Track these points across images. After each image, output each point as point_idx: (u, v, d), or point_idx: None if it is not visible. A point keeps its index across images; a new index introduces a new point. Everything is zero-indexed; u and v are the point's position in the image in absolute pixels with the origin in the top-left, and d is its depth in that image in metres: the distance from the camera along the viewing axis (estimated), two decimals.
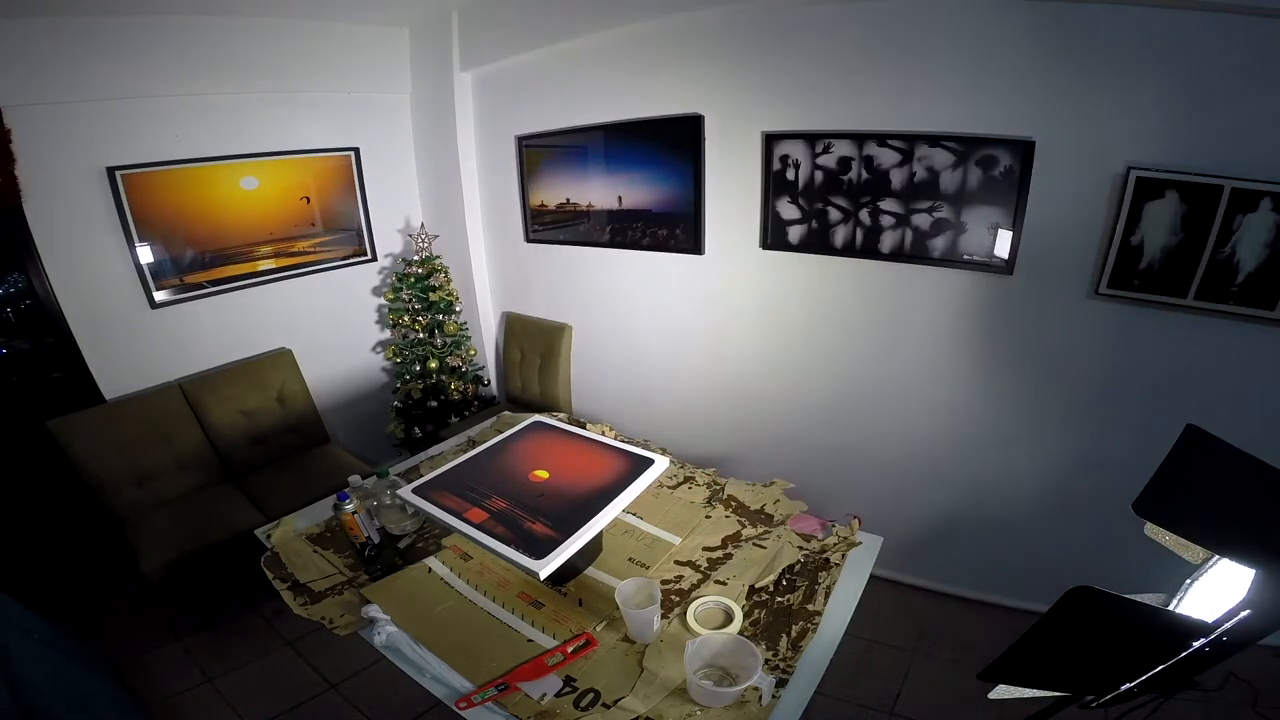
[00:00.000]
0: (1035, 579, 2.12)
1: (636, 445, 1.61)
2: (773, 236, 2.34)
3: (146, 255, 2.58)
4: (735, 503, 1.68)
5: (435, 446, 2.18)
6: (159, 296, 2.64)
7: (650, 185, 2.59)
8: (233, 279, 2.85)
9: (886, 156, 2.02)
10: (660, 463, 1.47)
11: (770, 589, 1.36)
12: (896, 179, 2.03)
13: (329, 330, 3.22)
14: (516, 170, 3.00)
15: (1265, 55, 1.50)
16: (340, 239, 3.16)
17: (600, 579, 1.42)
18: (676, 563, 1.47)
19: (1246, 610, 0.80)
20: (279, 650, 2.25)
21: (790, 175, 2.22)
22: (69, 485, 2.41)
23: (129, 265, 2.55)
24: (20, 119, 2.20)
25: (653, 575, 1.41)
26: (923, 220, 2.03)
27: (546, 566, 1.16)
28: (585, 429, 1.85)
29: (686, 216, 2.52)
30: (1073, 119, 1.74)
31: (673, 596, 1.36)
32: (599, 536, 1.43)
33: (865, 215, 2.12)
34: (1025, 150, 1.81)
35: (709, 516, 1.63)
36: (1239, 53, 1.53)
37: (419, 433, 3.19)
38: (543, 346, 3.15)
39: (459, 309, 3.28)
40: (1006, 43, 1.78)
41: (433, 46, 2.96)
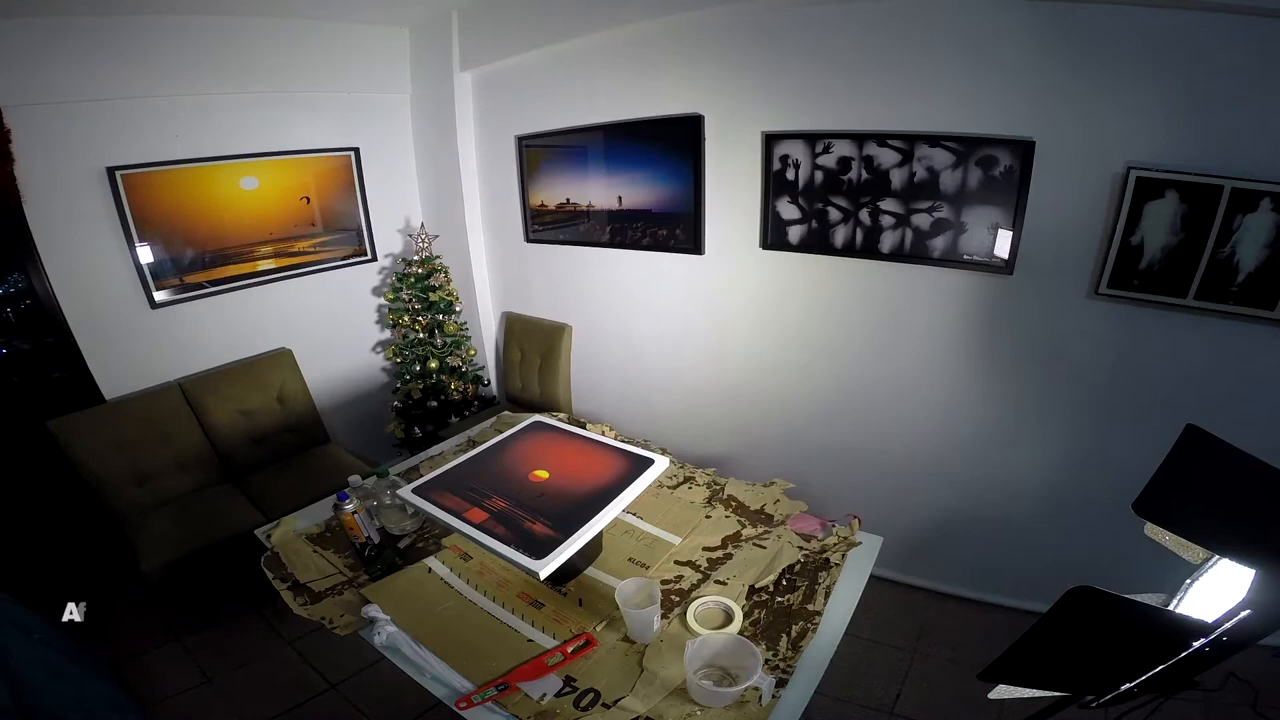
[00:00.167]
0: (1035, 579, 2.12)
1: (636, 445, 1.61)
2: (773, 236, 2.34)
3: (146, 255, 2.58)
4: (735, 503, 1.68)
5: (435, 446, 2.18)
6: (159, 296, 2.64)
7: (650, 185, 2.59)
8: (233, 279, 2.85)
9: (886, 156, 2.02)
10: (660, 463, 1.47)
11: (770, 589, 1.36)
12: (896, 179, 2.03)
13: (329, 330, 3.22)
14: (516, 170, 3.00)
15: (1265, 55, 1.50)
16: (340, 239, 3.16)
17: (600, 579, 1.42)
18: (676, 563, 1.47)
19: (1246, 610, 0.80)
20: (279, 650, 2.24)
21: (790, 175, 2.22)
22: (69, 485, 2.41)
23: (129, 265, 2.55)
24: (20, 119, 2.20)
25: (653, 575, 1.41)
26: (923, 220, 2.03)
27: (546, 566, 1.16)
28: (585, 429, 1.85)
29: (686, 216, 2.52)
30: (1073, 119, 1.74)
31: (673, 596, 1.36)
32: (599, 536, 1.43)
33: (865, 215, 2.12)
34: (1025, 150, 1.81)
35: (709, 516, 1.63)
36: (1239, 53, 1.52)
37: (419, 433, 3.19)
38: (543, 346, 3.15)
39: (459, 309, 3.28)
40: (1006, 43, 1.78)
41: (433, 46, 2.96)
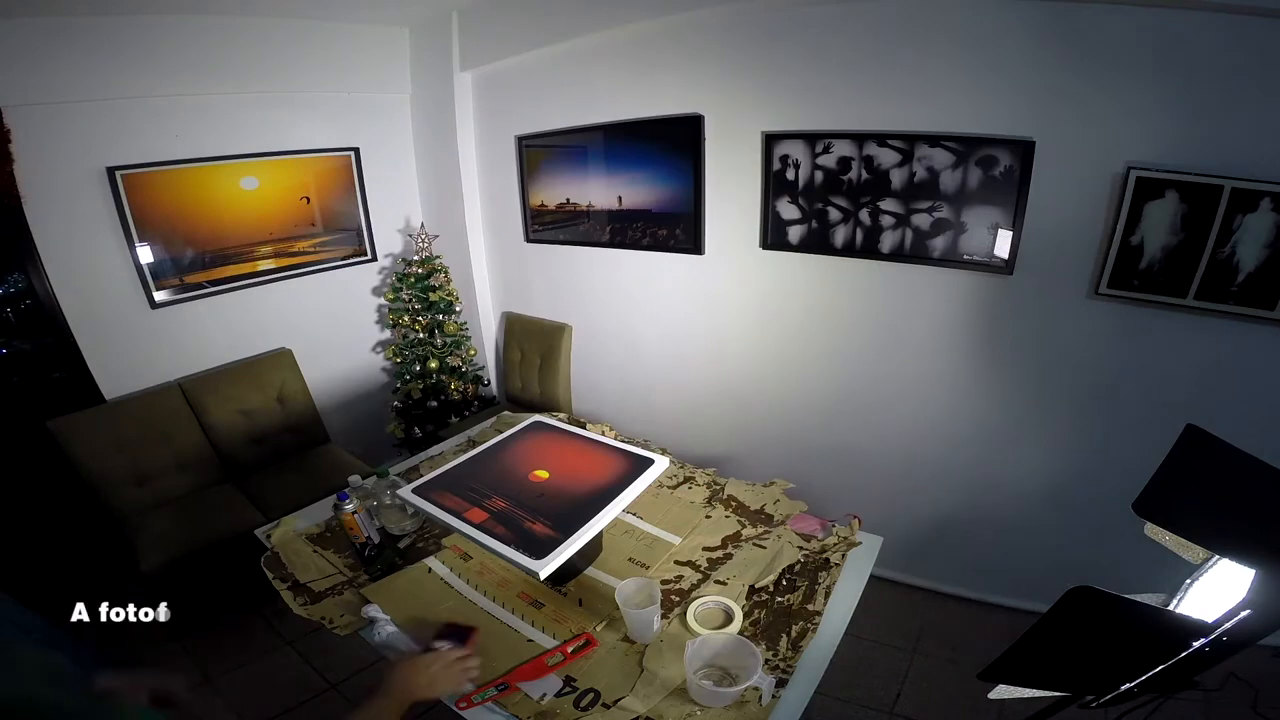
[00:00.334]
0: (1035, 579, 2.12)
1: (636, 445, 1.61)
2: (773, 236, 2.34)
3: (146, 255, 2.58)
4: (735, 503, 1.68)
5: (435, 446, 2.18)
6: (159, 296, 2.64)
7: (650, 185, 2.59)
8: (233, 279, 2.85)
9: (886, 156, 2.02)
10: (660, 463, 1.47)
11: (770, 589, 1.36)
12: (896, 179, 2.03)
13: (329, 330, 3.22)
14: (516, 170, 3.00)
15: (1265, 55, 1.50)
16: (340, 239, 3.16)
17: (600, 579, 1.42)
18: (676, 563, 1.47)
19: (1246, 610, 0.80)
20: (279, 650, 2.25)
21: (790, 175, 2.22)
22: (69, 485, 2.40)
23: (129, 265, 2.55)
24: (20, 119, 2.20)
25: (653, 575, 1.41)
26: (923, 220, 2.03)
27: (546, 566, 1.16)
28: (585, 429, 1.85)
29: (686, 216, 2.52)
30: (1073, 119, 1.74)
31: (673, 596, 1.36)
32: (599, 536, 1.43)
33: (865, 215, 2.12)
34: (1025, 150, 1.81)
35: (709, 516, 1.63)
36: (1239, 53, 1.52)
37: (419, 433, 3.19)
38: (543, 346, 3.15)
39: (459, 309, 3.28)
40: (1007, 42, 1.78)
41: (433, 46, 2.96)
